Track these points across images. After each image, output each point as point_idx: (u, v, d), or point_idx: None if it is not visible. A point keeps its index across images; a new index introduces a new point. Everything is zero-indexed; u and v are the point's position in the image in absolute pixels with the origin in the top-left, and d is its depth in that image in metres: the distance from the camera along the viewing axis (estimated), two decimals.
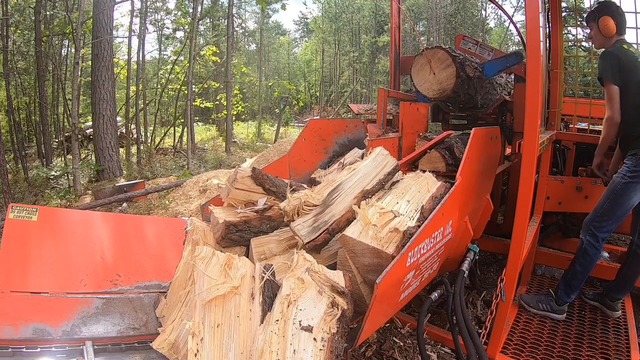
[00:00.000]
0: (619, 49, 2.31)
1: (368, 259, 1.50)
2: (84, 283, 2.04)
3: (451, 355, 2.16)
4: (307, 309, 1.29)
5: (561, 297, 2.48)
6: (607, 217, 2.30)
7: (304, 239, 1.64)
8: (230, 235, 1.87)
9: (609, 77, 2.26)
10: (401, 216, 1.61)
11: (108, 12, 8.58)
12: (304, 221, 1.71)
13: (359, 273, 1.55)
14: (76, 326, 1.81)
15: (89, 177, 8.75)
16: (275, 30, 38.01)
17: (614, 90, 2.27)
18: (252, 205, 2.07)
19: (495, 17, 25.61)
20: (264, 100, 24.25)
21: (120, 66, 12.55)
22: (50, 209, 2.38)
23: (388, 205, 1.67)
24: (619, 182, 2.28)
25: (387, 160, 2.02)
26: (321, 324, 1.27)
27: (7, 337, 1.66)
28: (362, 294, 1.54)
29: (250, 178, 2.08)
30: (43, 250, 2.03)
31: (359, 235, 1.51)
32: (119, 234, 2.28)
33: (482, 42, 2.99)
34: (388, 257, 1.42)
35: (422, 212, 1.63)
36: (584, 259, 2.36)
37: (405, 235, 1.48)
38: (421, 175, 1.97)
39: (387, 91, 3.12)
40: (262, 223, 1.98)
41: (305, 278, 1.36)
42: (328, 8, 28.31)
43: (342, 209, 1.75)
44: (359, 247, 1.50)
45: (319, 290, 1.35)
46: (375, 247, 1.45)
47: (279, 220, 2.01)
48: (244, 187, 2.08)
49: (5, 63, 8.71)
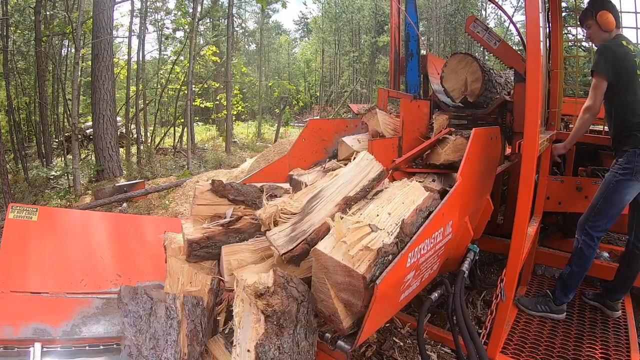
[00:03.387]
0: (617, 44, 2.28)
1: (340, 277, 1.38)
2: (84, 283, 2.04)
3: (451, 355, 2.16)
4: (244, 327, 1.29)
5: (558, 297, 2.48)
6: (601, 215, 2.29)
7: (280, 250, 1.53)
8: (195, 252, 1.77)
9: (600, 69, 2.25)
10: (379, 231, 1.47)
11: (108, 12, 8.58)
12: (281, 230, 1.59)
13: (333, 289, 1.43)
14: (76, 326, 1.81)
15: (89, 177, 8.75)
16: (276, 30, 38.01)
17: (601, 83, 2.26)
18: (218, 218, 1.92)
19: (495, 17, 25.61)
20: (264, 100, 24.26)
21: (120, 66, 12.55)
22: (50, 209, 2.38)
23: (367, 218, 1.53)
24: (612, 180, 2.27)
25: (372, 165, 1.91)
26: (252, 335, 1.26)
27: (7, 337, 1.66)
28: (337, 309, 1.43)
29: (210, 192, 1.93)
30: (43, 250, 2.03)
31: (331, 250, 1.39)
32: (119, 234, 2.28)
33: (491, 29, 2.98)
34: (359, 277, 1.30)
35: (402, 228, 1.50)
36: (580, 258, 2.36)
37: (379, 254, 1.36)
38: (408, 184, 1.84)
39: (387, 91, 3.12)
40: (229, 237, 1.83)
41: (243, 297, 1.33)
42: (328, 8, 28.32)
43: (323, 217, 1.64)
44: (330, 264, 1.39)
45: (250, 303, 1.32)
46: (346, 265, 1.33)
47: (250, 231, 1.86)
48: (206, 202, 1.93)
49: (5, 63, 8.72)
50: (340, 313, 1.42)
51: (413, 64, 3.32)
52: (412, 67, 3.33)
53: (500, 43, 2.92)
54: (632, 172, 2.21)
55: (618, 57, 2.22)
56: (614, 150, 2.40)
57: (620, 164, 2.26)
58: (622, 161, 2.25)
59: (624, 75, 2.23)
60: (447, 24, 22.05)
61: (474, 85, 2.91)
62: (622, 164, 2.25)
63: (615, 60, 2.22)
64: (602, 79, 2.25)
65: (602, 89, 2.27)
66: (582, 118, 2.39)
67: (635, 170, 2.20)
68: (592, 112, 2.33)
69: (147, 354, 1.22)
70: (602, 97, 2.29)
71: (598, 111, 2.33)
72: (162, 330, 1.29)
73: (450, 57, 3.09)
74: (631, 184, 2.22)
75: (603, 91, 2.27)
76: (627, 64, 2.23)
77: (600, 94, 2.28)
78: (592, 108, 2.32)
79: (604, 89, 2.27)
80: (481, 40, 2.94)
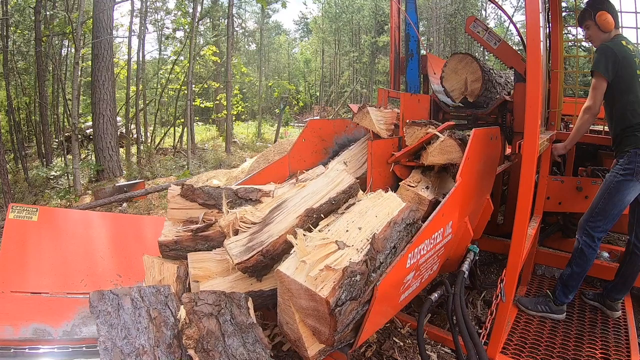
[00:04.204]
0: (617, 44, 2.27)
1: (304, 301, 1.26)
2: (84, 283, 2.04)
3: (451, 355, 2.16)
4: None
5: (559, 297, 2.48)
6: (602, 216, 2.29)
7: (234, 259, 1.44)
8: (165, 253, 1.74)
9: (601, 69, 2.24)
10: (346, 248, 1.35)
11: (108, 12, 8.58)
12: (238, 240, 1.52)
13: (297, 313, 1.32)
14: (76, 326, 1.81)
15: (89, 177, 8.75)
16: (275, 30, 38.02)
17: (601, 83, 2.25)
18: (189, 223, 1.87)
19: (495, 17, 25.63)
20: (264, 100, 24.26)
21: (120, 66, 12.55)
22: (50, 209, 2.38)
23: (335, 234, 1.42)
24: (612, 181, 2.27)
25: (342, 177, 1.81)
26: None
27: (7, 338, 1.66)
28: (302, 335, 1.31)
29: (180, 196, 1.87)
30: (43, 250, 2.03)
31: (294, 271, 1.27)
32: (119, 234, 2.28)
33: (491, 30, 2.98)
34: (322, 301, 1.18)
35: (373, 244, 1.38)
36: (580, 259, 2.35)
37: (345, 274, 1.22)
38: (382, 196, 1.73)
39: (387, 91, 3.11)
40: (197, 243, 1.76)
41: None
42: (328, 8, 28.32)
43: (282, 229, 1.54)
44: (294, 286, 1.27)
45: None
46: (309, 287, 1.21)
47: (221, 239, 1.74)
48: (178, 206, 1.88)
49: (5, 63, 8.73)
50: (305, 340, 1.31)
51: (413, 64, 3.32)
52: (412, 67, 3.33)
53: (500, 43, 2.92)
54: (633, 172, 2.20)
55: (619, 57, 2.21)
56: (615, 150, 2.39)
57: (621, 164, 2.26)
58: (623, 161, 2.25)
59: (625, 76, 2.22)
60: (447, 24, 22.04)
61: (474, 85, 2.91)
62: (623, 165, 2.25)
63: (616, 61, 2.21)
64: (602, 80, 2.25)
65: (602, 89, 2.26)
66: (582, 118, 2.38)
67: (636, 170, 2.19)
68: (592, 113, 2.33)
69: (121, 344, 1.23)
70: (602, 97, 2.28)
71: (598, 111, 2.32)
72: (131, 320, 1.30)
73: (450, 57, 3.08)
74: (632, 184, 2.22)
75: (603, 91, 2.26)
76: (628, 64, 2.22)
77: (600, 94, 2.27)
78: (592, 108, 2.31)
79: (604, 89, 2.26)
80: (481, 41, 2.94)
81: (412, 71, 3.33)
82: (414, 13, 3.29)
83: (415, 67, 3.32)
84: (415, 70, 3.32)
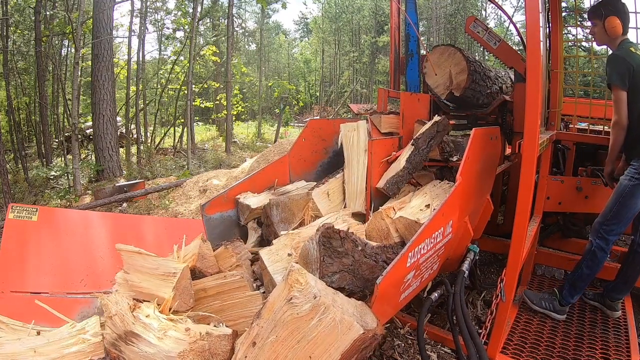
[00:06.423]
0: (627, 52, 2.26)
1: None
2: (84, 283, 2.04)
3: (451, 355, 2.16)
4: None
5: (565, 297, 2.48)
6: (616, 220, 2.30)
7: None
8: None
9: (618, 82, 2.23)
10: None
11: (108, 12, 8.57)
12: None
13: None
14: None
15: (89, 177, 8.75)
16: (275, 30, 38.02)
17: (622, 95, 2.24)
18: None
19: (495, 17, 25.63)
20: (264, 100, 24.26)
21: (120, 66, 12.55)
22: (50, 209, 2.38)
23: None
24: (627, 185, 2.27)
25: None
26: None
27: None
28: None
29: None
30: (43, 250, 2.03)
31: None
32: (119, 234, 2.28)
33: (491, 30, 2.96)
34: None
35: None
36: (592, 261, 2.36)
37: None
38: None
39: (387, 91, 3.11)
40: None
41: None
42: (328, 8, 28.33)
43: None
44: None
45: None
46: None
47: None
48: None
49: (5, 63, 8.73)
50: None
51: (413, 64, 3.32)
52: (412, 67, 3.33)
53: (500, 43, 2.91)
54: None
55: (630, 66, 2.22)
56: (627, 154, 2.39)
57: (635, 168, 2.26)
58: (638, 165, 2.26)
59: (638, 84, 2.22)
60: (447, 24, 22.04)
61: (459, 77, 2.77)
62: (637, 169, 2.25)
63: (629, 70, 2.22)
64: (622, 91, 2.24)
65: (624, 100, 2.24)
66: (613, 134, 2.36)
67: None
68: (621, 125, 2.29)
69: None
70: (625, 107, 2.25)
71: (626, 123, 2.28)
72: None
73: (431, 49, 2.93)
74: None
75: (625, 102, 2.24)
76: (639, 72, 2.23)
77: (623, 105, 2.24)
78: (619, 122, 2.28)
79: (625, 100, 2.24)
80: (481, 41, 2.94)
81: (412, 71, 3.33)
82: (414, 13, 3.29)
83: (415, 67, 3.31)
84: (415, 70, 3.32)
